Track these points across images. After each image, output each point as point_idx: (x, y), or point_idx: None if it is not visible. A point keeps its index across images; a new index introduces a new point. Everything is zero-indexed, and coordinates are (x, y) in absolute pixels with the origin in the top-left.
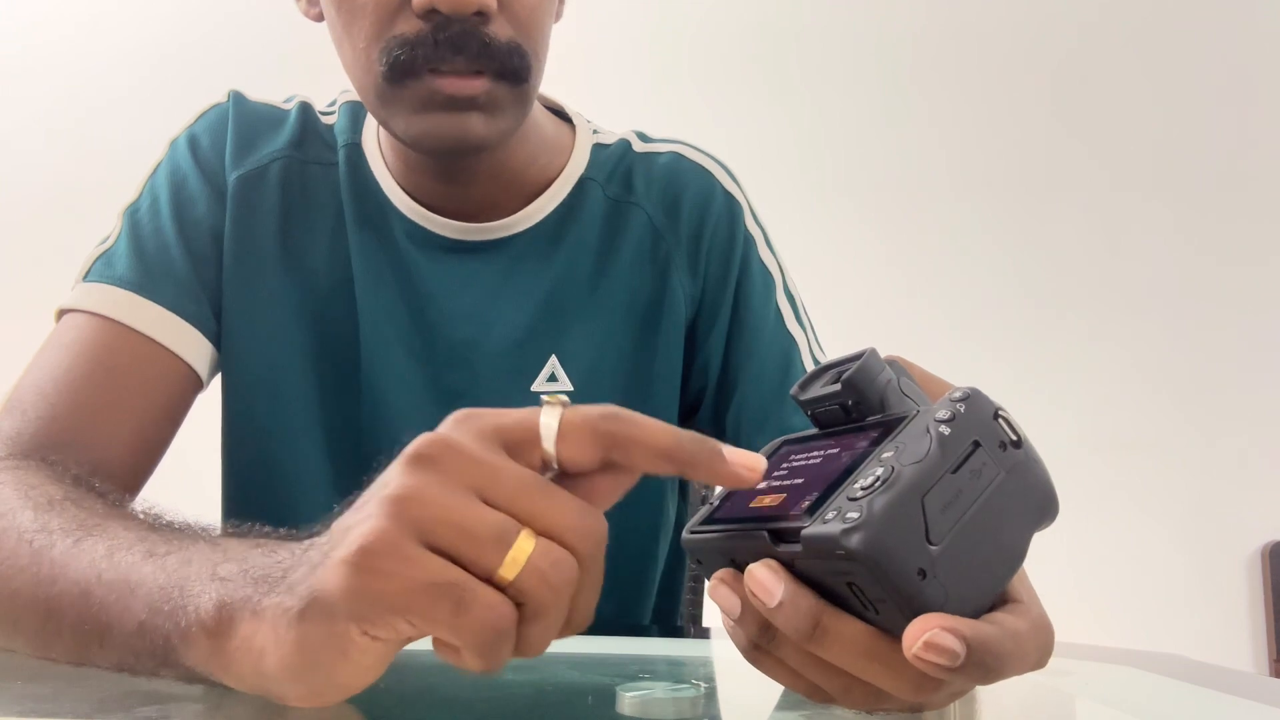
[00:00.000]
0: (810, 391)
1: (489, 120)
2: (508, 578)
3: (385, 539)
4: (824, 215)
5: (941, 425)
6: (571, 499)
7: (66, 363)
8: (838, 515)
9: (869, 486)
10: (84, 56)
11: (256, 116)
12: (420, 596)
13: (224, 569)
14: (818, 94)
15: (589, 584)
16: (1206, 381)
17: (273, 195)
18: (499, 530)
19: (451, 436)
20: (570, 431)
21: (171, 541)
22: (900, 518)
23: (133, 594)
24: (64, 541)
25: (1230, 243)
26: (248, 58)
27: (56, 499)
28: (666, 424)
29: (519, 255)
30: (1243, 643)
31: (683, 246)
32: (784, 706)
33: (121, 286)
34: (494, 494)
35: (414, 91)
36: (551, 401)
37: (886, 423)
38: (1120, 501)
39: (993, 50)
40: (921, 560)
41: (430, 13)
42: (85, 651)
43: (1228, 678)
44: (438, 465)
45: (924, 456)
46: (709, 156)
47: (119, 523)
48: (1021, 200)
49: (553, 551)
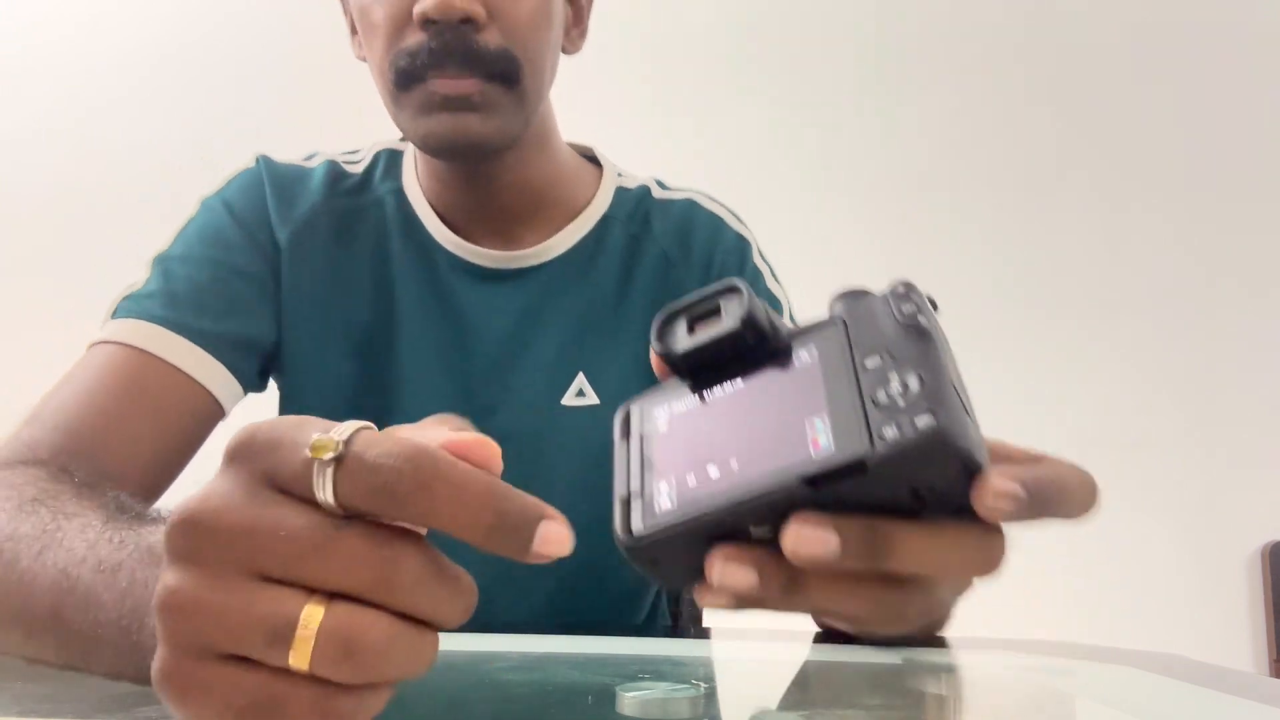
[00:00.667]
0: (680, 343)
1: (484, 119)
2: (303, 668)
3: (174, 669)
4: (823, 215)
5: (916, 317)
6: (361, 542)
7: (91, 382)
8: (901, 427)
9: (902, 392)
10: (84, 57)
11: (289, 177)
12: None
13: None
14: (816, 94)
15: (428, 608)
16: (1206, 381)
17: (320, 245)
18: (270, 622)
19: (209, 503)
20: (348, 501)
21: (119, 549)
22: (954, 409)
23: (97, 619)
24: (29, 553)
25: (1231, 242)
26: (247, 58)
27: (28, 498)
28: (476, 502)
29: (549, 281)
30: (1243, 643)
31: (694, 274)
32: (784, 707)
33: (150, 321)
34: (267, 565)
35: (417, 96)
36: (322, 456)
37: (817, 341)
38: (1120, 501)
39: (992, 50)
40: (975, 439)
41: (427, 24)
42: (73, 663)
43: (1228, 678)
44: (194, 556)
45: (923, 352)
46: (720, 204)
47: (78, 524)
48: (1021, 200)
49: (344, 626)
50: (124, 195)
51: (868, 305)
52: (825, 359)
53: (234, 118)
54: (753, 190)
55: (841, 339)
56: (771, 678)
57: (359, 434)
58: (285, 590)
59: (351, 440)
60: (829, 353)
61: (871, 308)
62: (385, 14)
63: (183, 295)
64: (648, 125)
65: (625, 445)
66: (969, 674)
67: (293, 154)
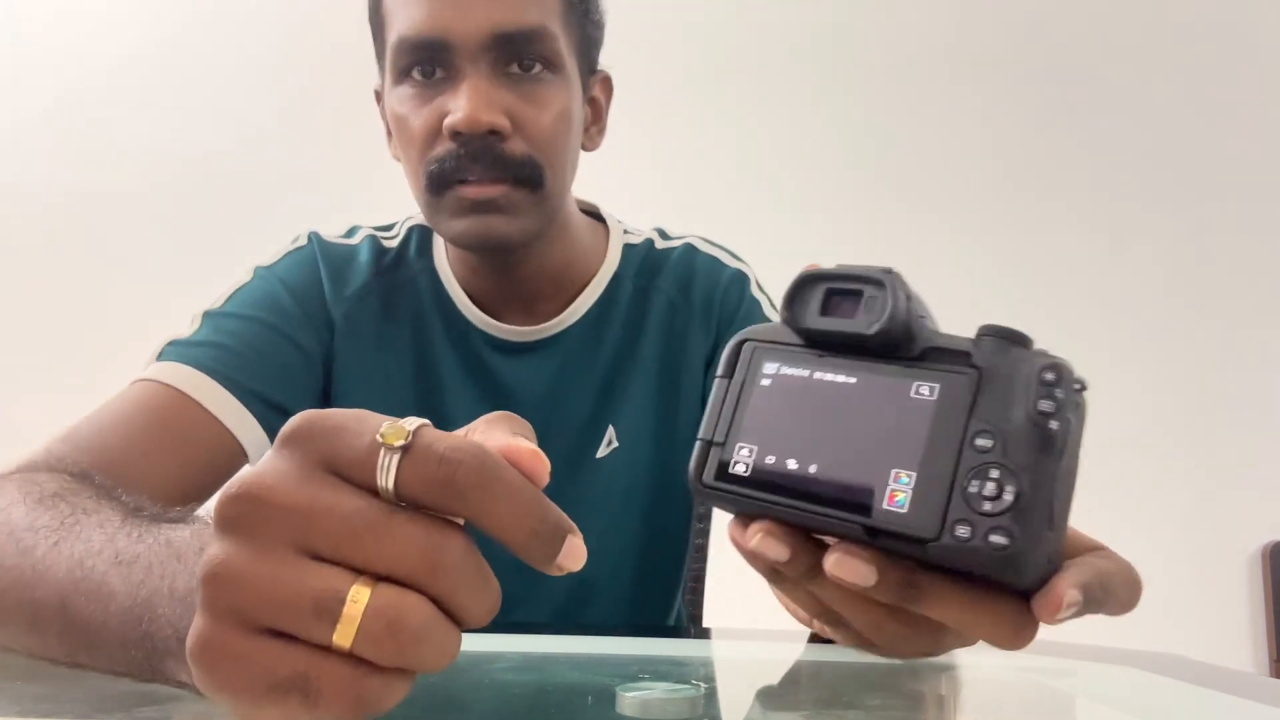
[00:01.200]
0: (810, 319)
1: (509, 220)
2: (345, 646)
3: (211, 638)
4: (821, 215)
5: (1049, 420)
6: (412, 528)
7: (125, 414)
8: (973, 532)
9: (996, 498)
10: (83, 57)
11: (341, 257)
12: (266, 696)
13: (180, 583)
14: (814, 94)
15: (464, 600)
16: (1206, 381)
17: (370, 321)
18: (318, 598)
19: (263, 479)
20: (408, 487)
21: (137, 542)
22: (1038, 530)
23: (107, 609)
24: (45, 543)
25: (1231, 242)
26: (248, 58)
27: (48, 493)
28: (525, 507)
29: (571, 346)
30: (1243, 643)
31: (695, 315)
32: (784, 707)
33: (193, 366)
34: (317, 543)
35: (449, 200)
36: (392, 442)
37: (941, 378)
38: (1120, 501)
39: (991, 50)
40: (1050, 548)
41: (456, 134)
42: (76, 657)
43: (1228, 678)
44: (245, 527)
45: (1037, 459)
46: (716, 245)
47: (96, 519)
48: (1021, 200)
49: (390, 606)
50: (122, 195)
51: (1012, 365)
52: (941, 409)
53: (234, 117)
54: (750, 193)
55: (967, 396)
56: (771, 678)
57: (424, 428)
58: (334, 568)
59: (418, 432)
60: (948, 403)
61: (1014, 372)
62: (419, 125)
63: (229, 349)
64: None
65: (725, 385)
66: (969, 674)
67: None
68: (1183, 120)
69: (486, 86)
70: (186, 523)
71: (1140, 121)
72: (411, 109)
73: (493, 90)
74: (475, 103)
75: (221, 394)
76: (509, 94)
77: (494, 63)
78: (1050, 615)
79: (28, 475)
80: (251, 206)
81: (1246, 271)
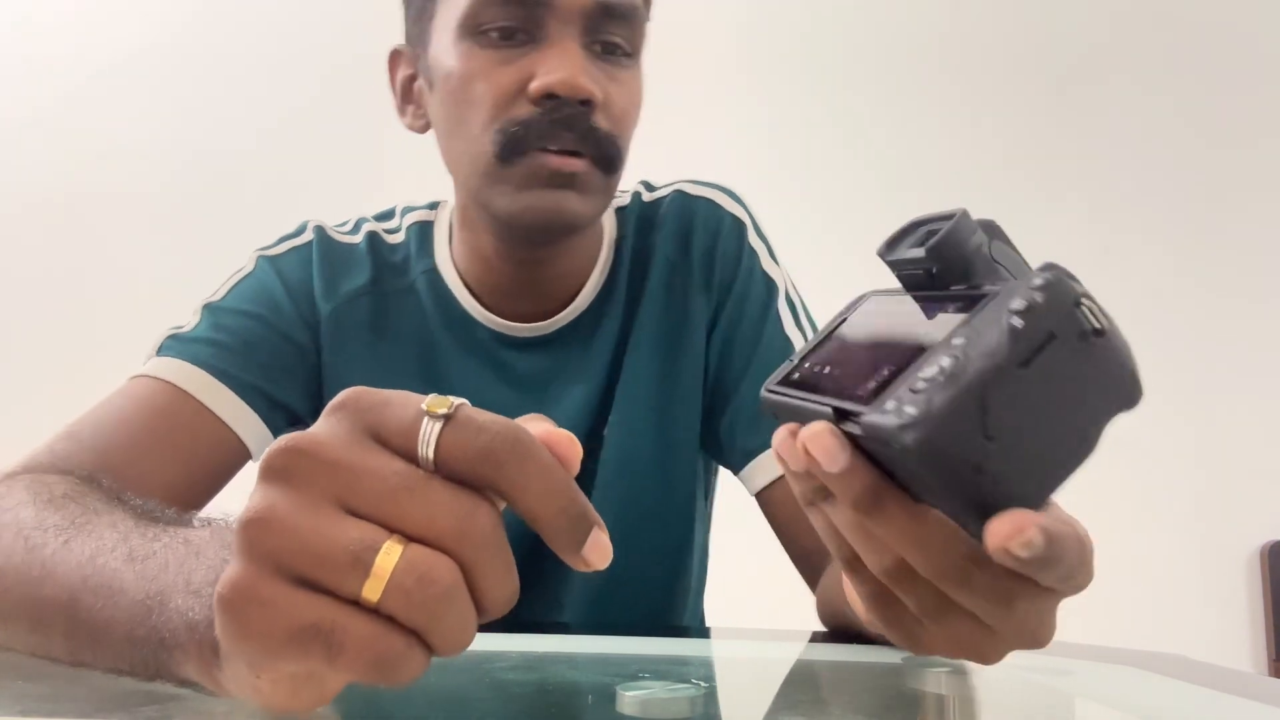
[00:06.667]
0: (896, 252)
1: (582, 200)
2: (372, 600)
3: (242, 581)
4: (820, 214)
5: (1014, 316)
6: (448, 494)
7: (127, 411)
8: (897, 406)
9: (930, 378)
10: (84, 57)
11: (337, 254)
12: (288, 644)
13: (197, 578)
14: (813, 94)
15: (491, 575)
16: (1206, 381)
17: (361, 329)
18: (355, 549)
19: (313, 436)
20: (448, 454)
21: (153, 541)
22: (958, 414)
23: (116, 604)
24: (55, 541)
25: (1230, 242)
26: (248, 58)
27: (58, 495)
28: (557, 485)
29: (584, 334)
30: (1243, 643)
31: (695, 274)
32: (784, 707)
33: (194, 363)
34: (356, 500)
35: (522, 168)
36: (435, 411)
37: (969, 297)
38: (1120, 501)
39: (991, 51)
40: (976, 456)
41: (544, 99)
42: (79, 655)
43: (1228, 678)
44: (290, 478)
45: (993, 349)
46: (709, 186)
47: (108, 520)
48: (1018, 198)
49: (421, 562)
50: (122, 195)
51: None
52: (954, 311)
53: (234, 117)
54: (747, 193)
55: (976, 302)
56: (771, 678)
57: (465, 405)
58: (369, 524)
59: (460, 406)
60: (959, 306)
61: (1019, 285)
62: (496, 85)
63: (229, 346)
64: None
65: (834, 319)
66: (969, 674)
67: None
68: (1182, 119)
69: (581, 54)
70: (201, 524)
71: (1139, 121)
72: (483, 68)
73: (585, 60)
74: (574, 67)
75: (223, 391)
76: (595, 68)
77: (584, 34)
78: (996, 540)
79: (37, 476)
80: (251, 207)
81: (1246, 271)
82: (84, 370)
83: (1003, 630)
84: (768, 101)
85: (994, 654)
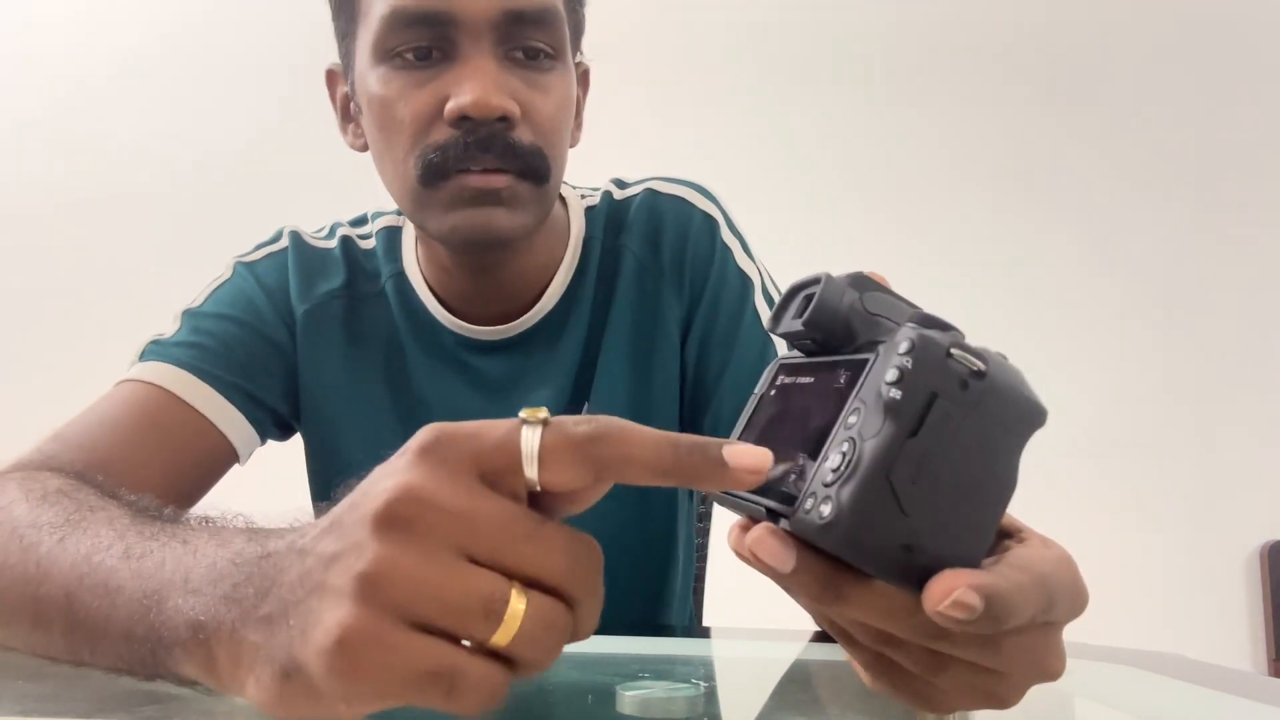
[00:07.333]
0: (782, 325)
1: (510, 214)
2: (501, 645)
3: (364, 629)
4: (820, 215)
5: (890, 389)
6: (559, 535)
7: (114, 414)
8: (814, 506)
9: (837, 469)
10: (84, 57)
11: (313, 258)
12: (410, 687)
13: (195, 577)
14: (813, 94)
15: (589, 610)
16: (1206, 381)
17: (334, 330)
18: (486, 599)
19: (424, 486)
20: (553, 456)
21: (149, 539)
22: (869, 504)
23: (113, 603)
24: (50, 539)
25: (1230, 241)
26: (248, 58)
27: (51, 491)
28: (662, 435)
29: (549, 336)
30: (1243, 643)
31: (667, 275)
32: (783, 707)
33: (178, 366)
34: (477, 548)
35: (445, 191)
36: (532, 419)
37: (856, 363)
38: (1120, 501)
39: (990, 49)
40: (901, 536)
41: (460, 121)
42: (77, 654)
43: (1228, 678)
44: (413, 529)
45: (879, 428)
46: (680, 184)
47: (104, 516)
48: (1019, 198)
49: (547, 611)
50: (122, 195)
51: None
52: (842, 393)
53: (234, 117)
54: (746, 192)
55: (859, 377)
56: (771, 677)
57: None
58: (492, 572)
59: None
60: (846, 387)
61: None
62: (412, 110)
63: (210, 348)
64: (641, 129)
65: (756, 393)
66: None
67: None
68: (1180, 117)
69: (494, 69)
70: (199, 522)
71: (1138, 119)
72: (401, 92)
73: (500, 74)
74: (485, 85)
75: (207, 391)
76: (514, 79)
77: (498, 44)
78: (930, 605)
79: (29, 474)
80: (252, 207)
81: (1247, 271)
82: (83, 371)
83: (1008, 669)
84: (762, 100)
85: (1011, 695)
